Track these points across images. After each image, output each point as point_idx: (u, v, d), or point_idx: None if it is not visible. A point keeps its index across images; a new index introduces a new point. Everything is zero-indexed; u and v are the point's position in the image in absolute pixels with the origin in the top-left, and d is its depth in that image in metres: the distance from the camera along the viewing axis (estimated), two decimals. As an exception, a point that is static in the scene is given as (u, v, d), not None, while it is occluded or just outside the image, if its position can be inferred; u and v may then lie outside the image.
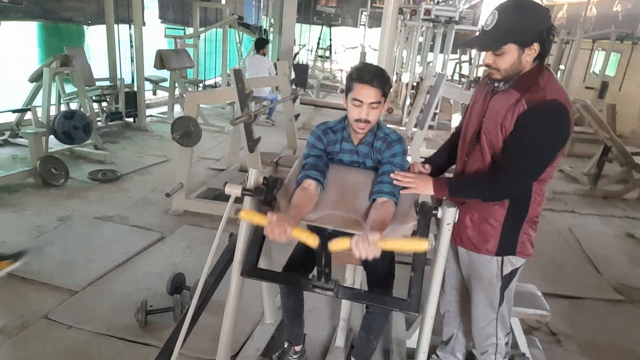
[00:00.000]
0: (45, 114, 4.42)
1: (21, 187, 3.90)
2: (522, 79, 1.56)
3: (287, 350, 2.07)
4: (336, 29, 13.48)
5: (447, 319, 2.10)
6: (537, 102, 1.49)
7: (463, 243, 1.79)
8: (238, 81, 3.35)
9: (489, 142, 1.63)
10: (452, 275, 1.98)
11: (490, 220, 1.70)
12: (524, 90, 1.53)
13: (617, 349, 2.58)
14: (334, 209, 1.65)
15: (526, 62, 1.54)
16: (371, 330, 1.91)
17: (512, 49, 1.51)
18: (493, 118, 1.60)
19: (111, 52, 6.20)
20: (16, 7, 5.27)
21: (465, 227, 1.76)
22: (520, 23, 1.49)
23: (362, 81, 1.60)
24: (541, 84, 1.52)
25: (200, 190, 4.06)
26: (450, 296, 2.03)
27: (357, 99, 1.61)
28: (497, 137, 1.59)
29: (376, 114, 1.65)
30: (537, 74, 1.55)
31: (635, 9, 9.73)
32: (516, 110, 1.52)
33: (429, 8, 7.87)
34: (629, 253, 3.86)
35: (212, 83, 9.95)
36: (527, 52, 1.51)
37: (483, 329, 1.87)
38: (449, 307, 2.06)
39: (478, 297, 1.83)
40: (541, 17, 1.51)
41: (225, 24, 8.48)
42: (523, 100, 1.51)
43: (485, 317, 1.84)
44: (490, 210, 1.69)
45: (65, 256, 2.89)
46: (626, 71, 9.00)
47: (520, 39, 1.49)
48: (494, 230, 1.70)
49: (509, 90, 1.58)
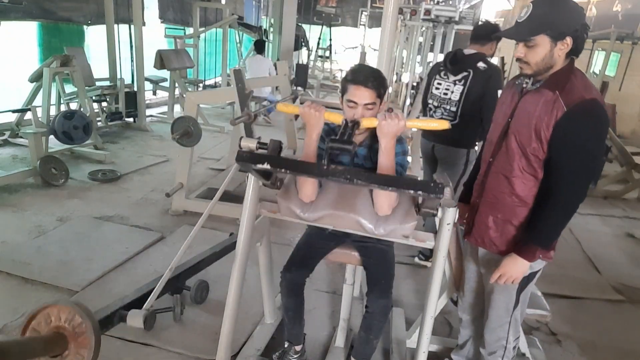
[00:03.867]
0: (45, 114, 4.42)
1: (21, 187, 3.90)
2: (554, 78, 1.53)
3: (287, 349, 2.07)
4: (336, 29, 13.47)
5: (464, 323, 2.08)
6: (577, 102, 1.45)
7: (485, 244, 1.77)
8: (238, 81, 3.36)
9: (518, 143, 1.59)
10: (472, 277, 1.96)
11: (513, 221, 1.67)
12: (559, 89, 1.49)
13: (617, 348, 2.58)
14: (333, 209, 1.66)
15: (558, 57, 1.50)
16: (371, 330, 1.91)
17: (544, 42, 1.48)
18: (524, 118, 1.57)
19: (111, 52, 6.20)
20: (16, 7, 5.26)
21: (487, 228, 1.74)
22: (554, 16, 1.47)
23: (356, 82, 1.60)
24: (575, 83, 1.49)
25: (200, 190, 4.06)
26: (469, 298, 2.01)
27: (352, 100, 1.62)
28: (528, 137, 1.55)
29: (371, 115, 1.64)
30: (569, 72, 1.52)
31: (635, 9, 9.74)
32: (553, 112, 1.48)
33: (429, 8, 7.85)
34: (629, 253, 3.86)
35: (212, 83, 9.94)
36: (559, 47, 1.48)
37: (495, 330, 1.85)
38: (468, 310, 2.03)
39: (495, 299, 1.80)
40: (576, 13, 1.49)
41: (225, 24, 8.48)
42: (561, 101, 1.47)
43: (499, 319, 1.83)
44: (514, 211, 1.67)
45: (65, 256, 2.89)
46: (626, 71, 9.00)
47: (553, 32, 1.46)
48: (518, 231, 1.67)
49: (540, 90, 1.55)
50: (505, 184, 1.67)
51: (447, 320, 2.61)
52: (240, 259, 1.77)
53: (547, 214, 1.56)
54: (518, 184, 1.64)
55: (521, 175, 1.62)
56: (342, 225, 1.66)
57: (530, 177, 1.61)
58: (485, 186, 1.75)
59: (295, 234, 3.39)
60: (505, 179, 1.67)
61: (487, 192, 1.74)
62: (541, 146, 1.54)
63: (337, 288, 2.82)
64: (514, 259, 1.61)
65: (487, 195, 1.75)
